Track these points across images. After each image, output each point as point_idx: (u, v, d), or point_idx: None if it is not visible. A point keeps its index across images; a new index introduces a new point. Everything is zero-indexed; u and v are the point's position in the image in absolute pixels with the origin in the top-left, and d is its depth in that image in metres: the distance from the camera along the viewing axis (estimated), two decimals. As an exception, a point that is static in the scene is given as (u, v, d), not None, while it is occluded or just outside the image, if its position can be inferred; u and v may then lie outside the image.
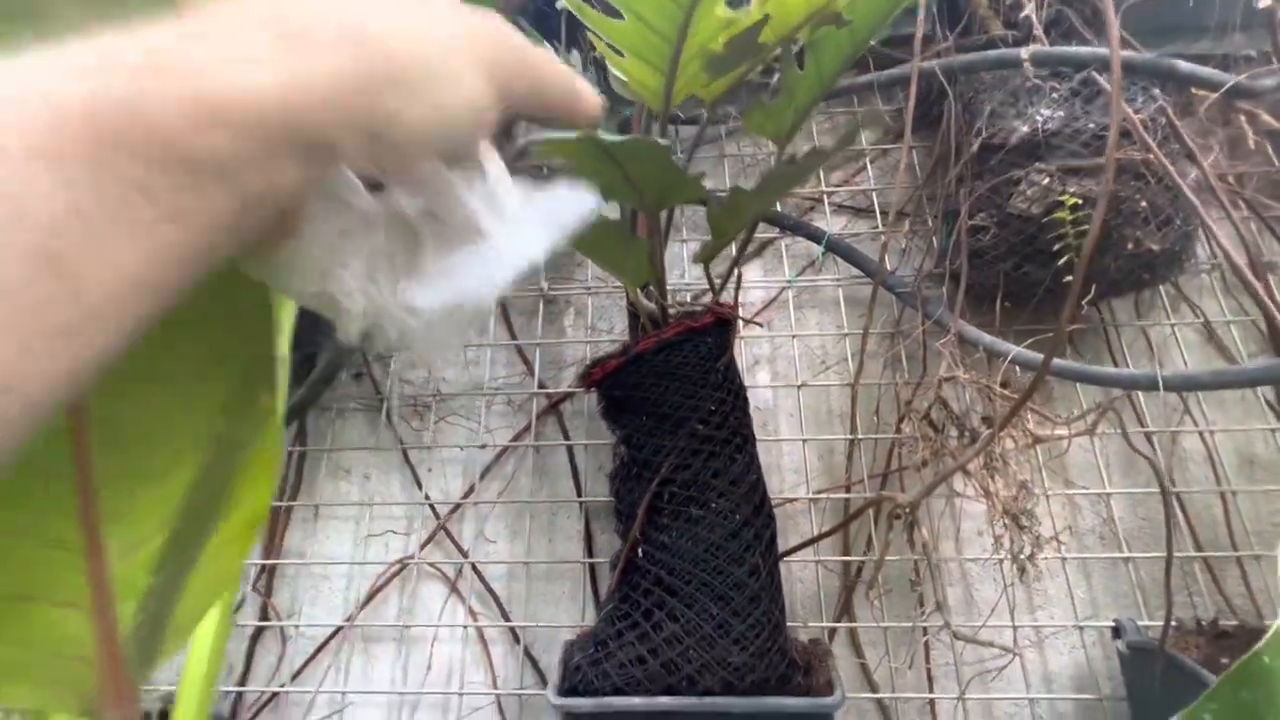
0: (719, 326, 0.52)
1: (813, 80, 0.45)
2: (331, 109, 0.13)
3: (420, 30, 0.16)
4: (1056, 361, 0.51)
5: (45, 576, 0.23)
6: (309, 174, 0.14)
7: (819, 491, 0.62)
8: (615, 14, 0.38)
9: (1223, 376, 0.47)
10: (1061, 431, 0.52)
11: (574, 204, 0.19)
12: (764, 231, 0.70)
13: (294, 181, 0.13)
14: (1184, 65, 0.50)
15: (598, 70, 0.54)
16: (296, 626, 0.61)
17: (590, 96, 0.20)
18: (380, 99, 0.14)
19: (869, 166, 0.73)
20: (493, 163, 0.18)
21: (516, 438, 0.66)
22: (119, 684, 0.23)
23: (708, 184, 0.49)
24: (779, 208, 0.70)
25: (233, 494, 0.26)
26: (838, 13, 0.40)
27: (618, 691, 0.43)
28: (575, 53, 0.59)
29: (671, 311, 0.53)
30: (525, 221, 0.18)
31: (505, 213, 0.18)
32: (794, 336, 0.67)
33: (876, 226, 0.70)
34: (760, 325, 0.68)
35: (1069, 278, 0.53)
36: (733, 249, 0.59)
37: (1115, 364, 0.64)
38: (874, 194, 0.71)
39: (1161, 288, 0.65)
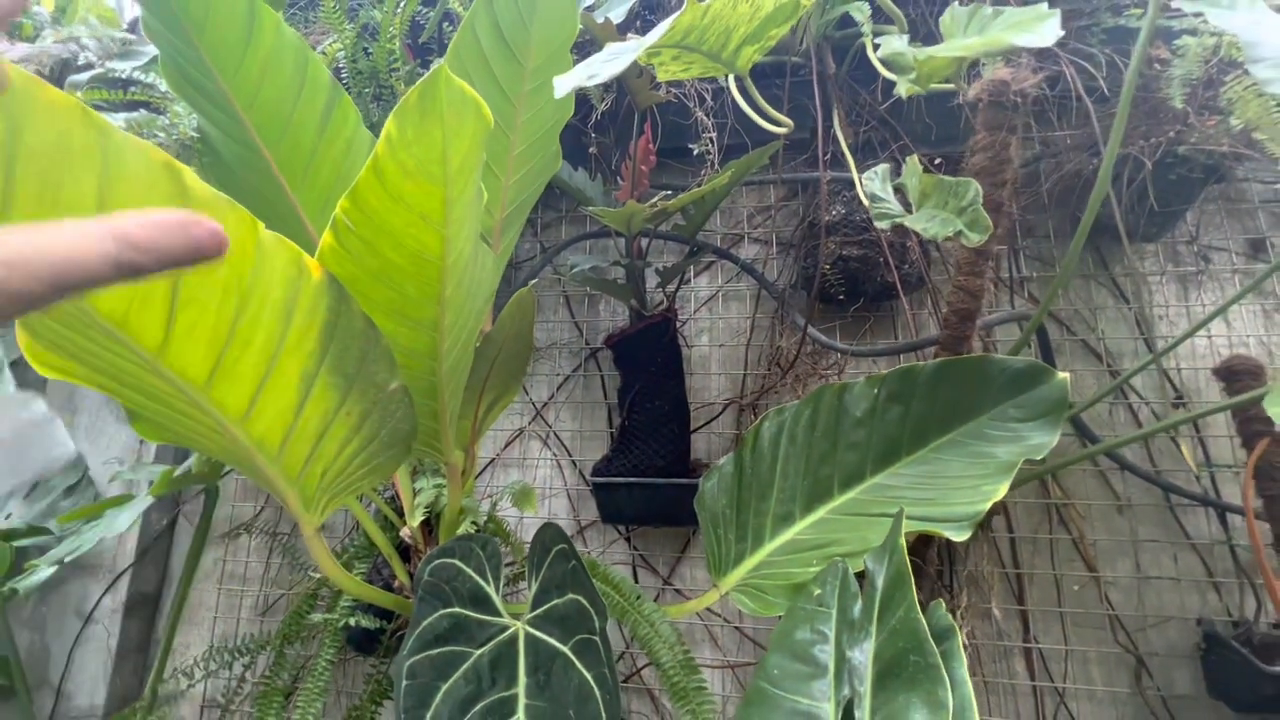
0: (665, 320, 1.10)
1: (698, 215, 1.00)
2: None
3: None
4: (824, 338, 1.06)
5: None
6: None
7: (726, 400, 1.20)
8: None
9: (875, 349, 1.01)
10: (829, 372, 1.08)
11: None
12: (709, 256, 1.25)
13: None
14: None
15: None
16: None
17: (186, 230, 0.16)
18: None
19: (774, 214, 1.25)
20: None
21: (574, 370, 1.27)
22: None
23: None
24: (718, 241, 1.24)
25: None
26: (685, 206, 0.94)
27: (614, 474, 1.06)
28: (581, 170, 1.14)
29: (646, 311, 1.11)
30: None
31: None
32: (720, 318, 1.23)
33: (773, 253, 1.23)
34: (695, 316, 1.25)
35: (842, 296, 1.07)
36: (689, 271, 1.15)
37: (897, 339, 1.17)
38: (774, 233, 1.24)
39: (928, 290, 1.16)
